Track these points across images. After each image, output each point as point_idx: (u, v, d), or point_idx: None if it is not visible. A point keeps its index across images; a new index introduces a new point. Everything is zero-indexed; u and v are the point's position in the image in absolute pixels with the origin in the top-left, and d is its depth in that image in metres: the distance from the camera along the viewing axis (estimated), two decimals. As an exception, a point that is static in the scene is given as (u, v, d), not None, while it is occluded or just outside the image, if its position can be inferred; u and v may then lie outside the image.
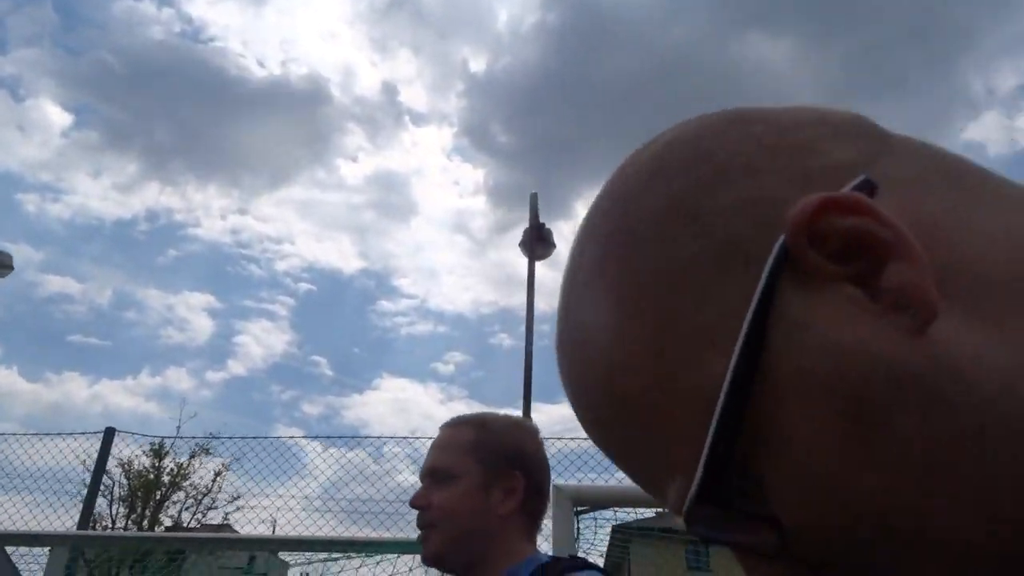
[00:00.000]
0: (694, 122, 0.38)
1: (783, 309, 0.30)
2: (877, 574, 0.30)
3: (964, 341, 0.28)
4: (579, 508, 3.66)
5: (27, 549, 5.73)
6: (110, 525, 17.79)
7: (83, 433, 6.18)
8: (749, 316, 0.30)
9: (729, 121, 0.37)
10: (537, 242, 6.86)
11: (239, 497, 16.14)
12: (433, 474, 1.39)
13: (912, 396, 0.28)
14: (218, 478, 18.64)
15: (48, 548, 5.86)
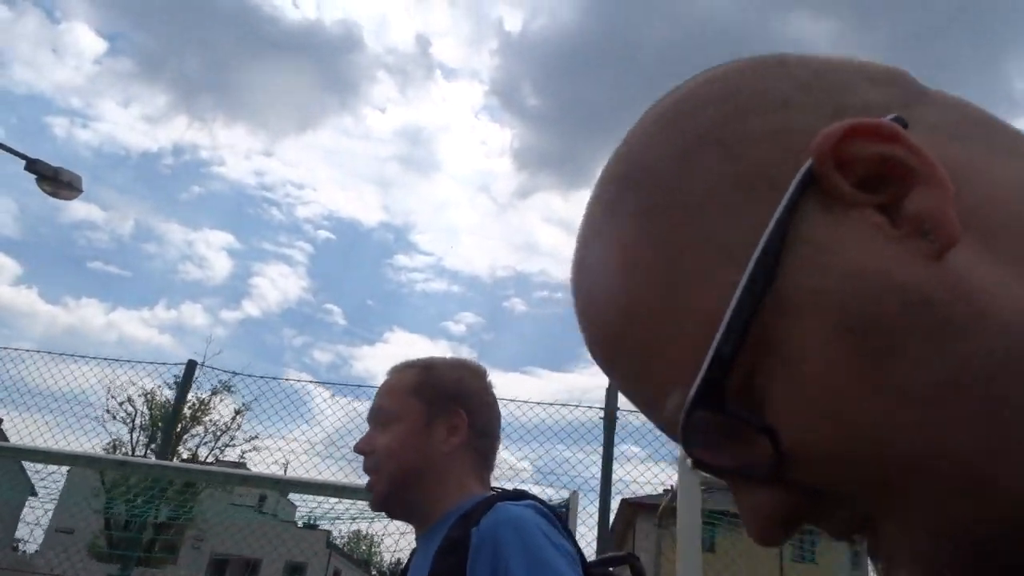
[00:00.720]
0: (729, 64, 0.39)
1: (805, 230, 0.30)
2: (870, 503, 0.30)
3: (980, 272, 0.29)
4: (705, 485, 3.53)
5: (42, 467, 5.84)
6: (130, 452, 18.30)
7: (163, 363, 6.37)
8: (767, 233, 0.30)
9: (767, 62, 0.37)
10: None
11: (256, 437, 16.45)
12: (377, 417, 1.37)
13: (925, 320, 0.28)
14: (238, 416, 19.01)
15: (67, 468, 5.97)
